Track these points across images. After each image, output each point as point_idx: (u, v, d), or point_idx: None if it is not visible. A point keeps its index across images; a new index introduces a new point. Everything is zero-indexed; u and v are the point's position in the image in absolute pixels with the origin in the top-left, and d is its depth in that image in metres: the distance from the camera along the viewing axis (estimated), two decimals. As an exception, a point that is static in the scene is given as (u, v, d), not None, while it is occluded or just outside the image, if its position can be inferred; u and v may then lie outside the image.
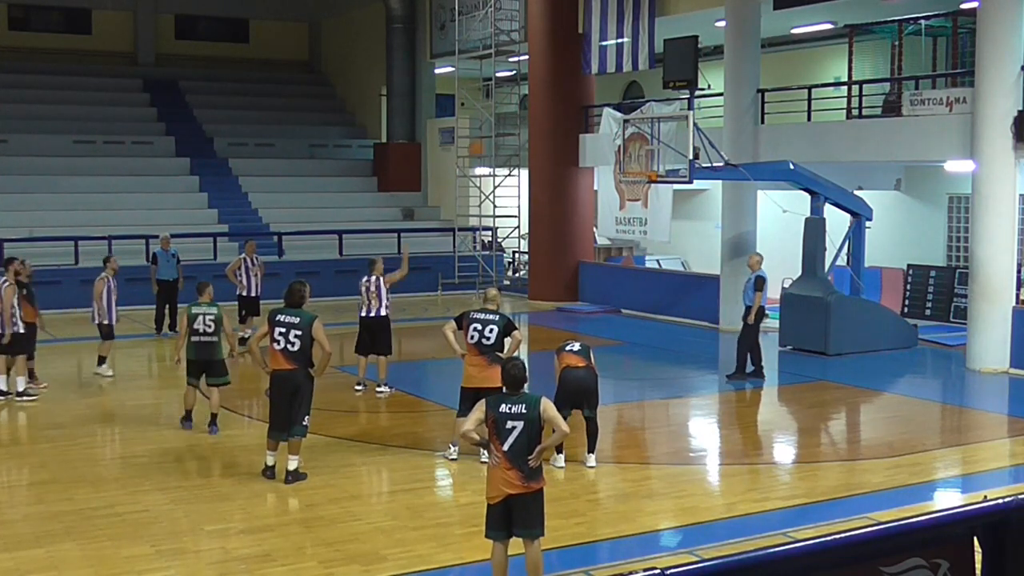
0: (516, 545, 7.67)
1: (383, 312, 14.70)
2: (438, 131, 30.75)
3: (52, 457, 11.70)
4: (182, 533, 9.21)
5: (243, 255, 18.90)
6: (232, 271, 18.71)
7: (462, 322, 11.15)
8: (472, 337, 11.00)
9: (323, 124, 33.71)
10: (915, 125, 18.06)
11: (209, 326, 12.44)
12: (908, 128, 18.23)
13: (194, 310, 12.51)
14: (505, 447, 7.47)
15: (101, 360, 16.20)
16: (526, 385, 7.78)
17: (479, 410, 7.65)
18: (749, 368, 16.03)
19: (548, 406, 7.65)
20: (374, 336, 14.77)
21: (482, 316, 11.06)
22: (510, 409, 7.52)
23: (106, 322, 15.93)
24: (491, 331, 10.92)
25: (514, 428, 7.47)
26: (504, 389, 7.78)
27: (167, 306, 19.81)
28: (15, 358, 14.27)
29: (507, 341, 11.03)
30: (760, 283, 15.69)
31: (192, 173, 28.86)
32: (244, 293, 18.65)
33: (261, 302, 18.47)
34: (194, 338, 12.48)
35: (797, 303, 18.39)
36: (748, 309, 15.78)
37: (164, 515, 9.70)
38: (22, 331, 14.19)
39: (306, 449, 10.90)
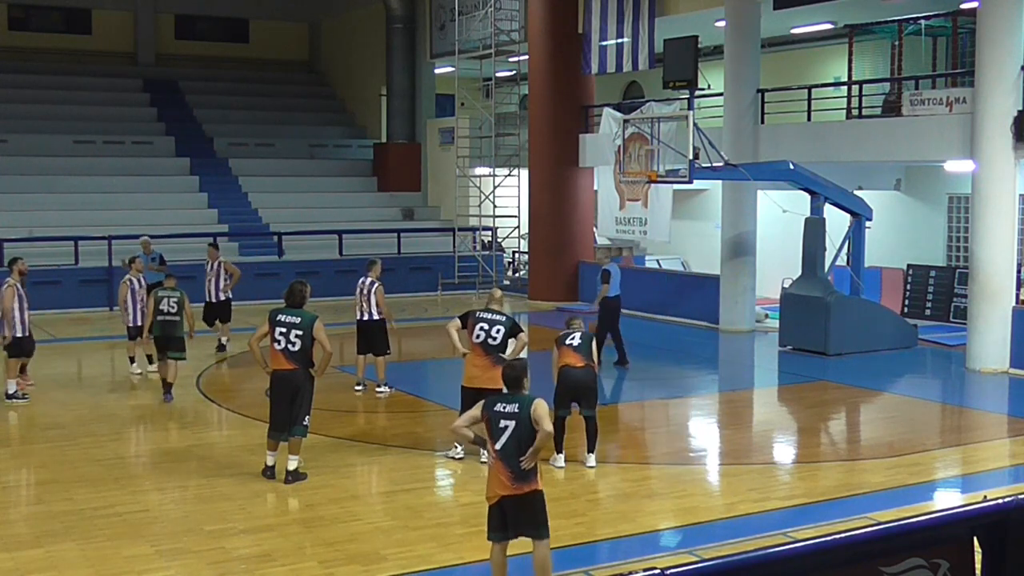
0: (516, 546, 7.66)
1: (375, 316, 14.72)
2: (438, 131, 30.75)
3: (52, 457, 11.70)
4: (182, 533, 9.20)
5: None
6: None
7: (467, 321, 11.05)
8: (478, 336, 10.90)
9: (323, 124, 33.70)
10: (915, 125, 18.05)
11: (172, 307, 14.26)
12: (908, 128, 18.22)
13: (160, 293, 14.41)
14: (497, 446, 7.46)
15: (132, 360, 16.29)
16: (526, 385, 7.75)
17: (477, 408, 7.66)
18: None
19: (539, 406, 7.51)
20: (368, 338, 14.82)
21: (489, 316, 10.98)
22: (504, 408, 7.49)
23: (130, 324, 16.01)
24: (498, 331, 10.85)
25: (506, 428, 7.43)
26: (504, 389, 7.75)
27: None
28: (12, 360, 14.32)
29: (510, 343, 10.96)
30: (605, 276, 16.78)
31: (192, 173, 28.86)
32: (204, 299, 17.90)
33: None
34: (159, 317, 14.27)
35: (797, 303, 18.39)
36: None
37: (164, 515, 9.70)
38: (19, 335, 14.23)
39: (306, 449, 10.90)
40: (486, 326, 10.88)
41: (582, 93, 25.10)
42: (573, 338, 11.20)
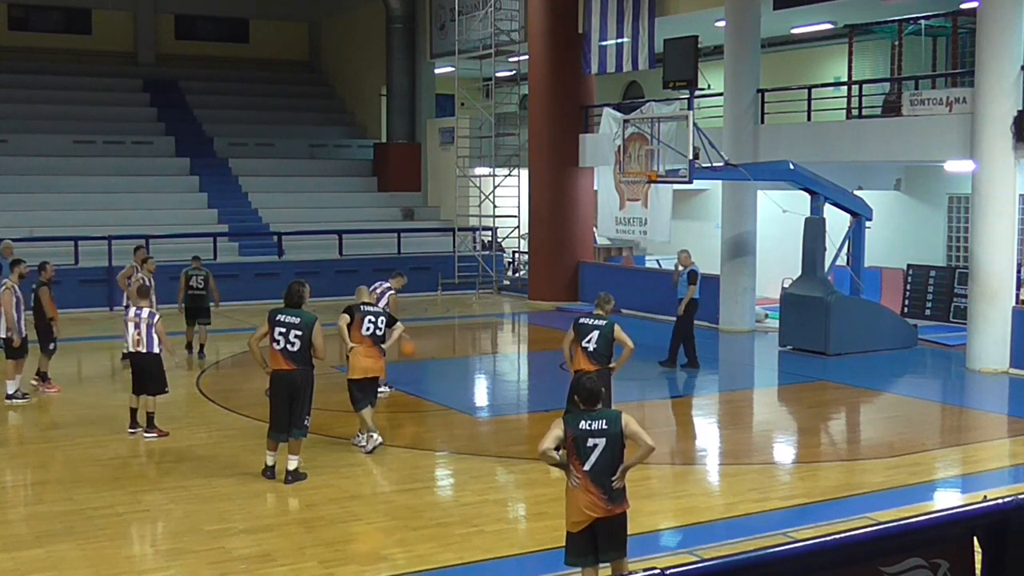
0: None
1: None
2: (438, 131, 30.75)
3: (52, 457, 11.71)
4: (182, 533, 9.20)
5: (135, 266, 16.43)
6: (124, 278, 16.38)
7: (353, 315, 11.76)
8: (367, 329, 11.72)
9: (323, 124, 33.70)
10: (915, 125, 18.05)
11: (200, 283, 17.22)
12: (908, 128, 18.22)
13: (189, 272, 17.23)
14: (586, 467, 7.01)
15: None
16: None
17: (558, 427, 7.08)
18: (682, 359, 16.85)
19: (630, 421, 7.11)
20: None
21: (371, 309, 11.94)
22: (591, 426, 7.02)
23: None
24: (381, 322, 11.84)
25: (595, 446, 7.00)
26: (580, 405, 7.25)
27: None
28: (15, 361, 14.34)
29: (389, 332, 11.98)
30: (693, 277, 16.86)
31: (192, 173, 28.84)
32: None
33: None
34: (189, 292, 17.11)
35: (797, 303, 18.39)
36: (681, 301, 16.86)
37: (164, 515, 9.70)
38: (23, 335, 14.26)
39: (306, 449, 10.90)
40: (372, 318, 11.80)
41: (582, 93, 25.09)
42: (590, 340, 10.97)
